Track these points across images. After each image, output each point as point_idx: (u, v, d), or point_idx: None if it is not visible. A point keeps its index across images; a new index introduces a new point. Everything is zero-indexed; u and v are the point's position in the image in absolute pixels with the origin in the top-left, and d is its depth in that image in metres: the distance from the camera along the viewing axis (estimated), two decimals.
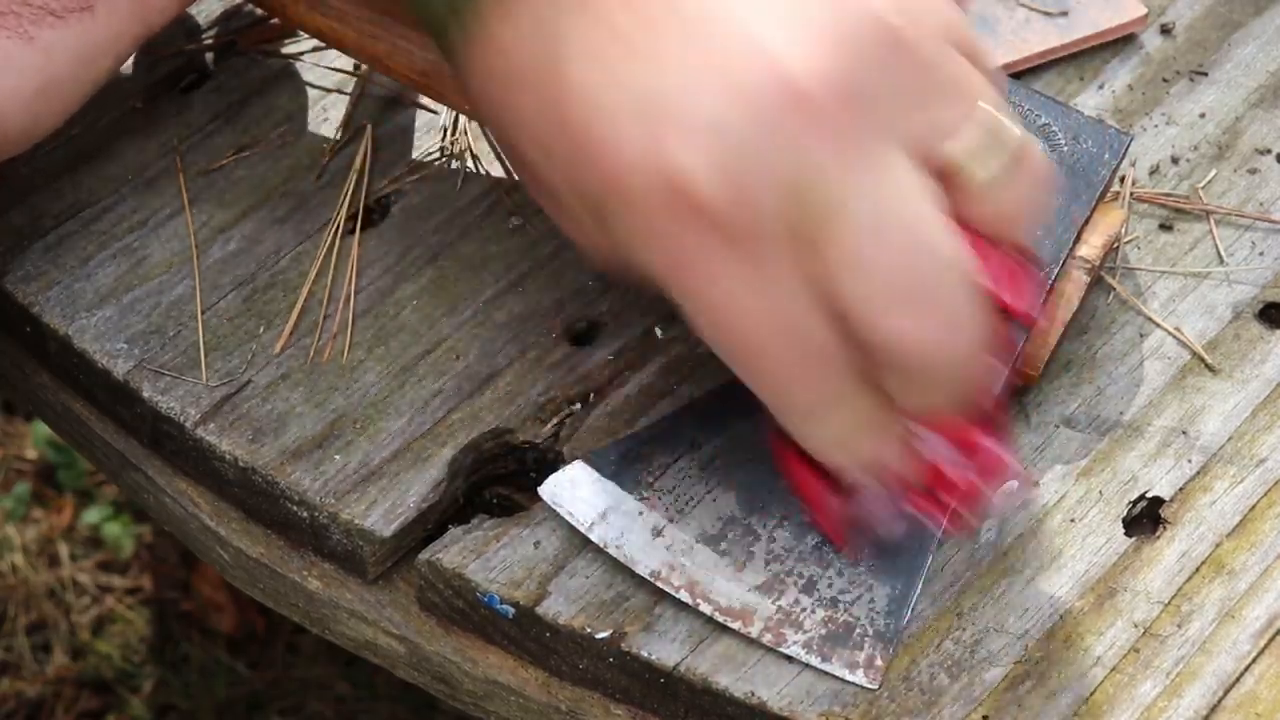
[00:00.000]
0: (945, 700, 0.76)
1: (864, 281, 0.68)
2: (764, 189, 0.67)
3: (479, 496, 0.83)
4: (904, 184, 0.68)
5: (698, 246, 0.68)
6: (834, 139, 0.67)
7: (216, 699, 1.63)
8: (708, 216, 0.67)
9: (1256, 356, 0.87)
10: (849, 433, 0.73)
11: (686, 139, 0.66)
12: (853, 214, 0.67)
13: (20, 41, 0.79)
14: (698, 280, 0.69)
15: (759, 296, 0.68)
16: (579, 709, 0.79)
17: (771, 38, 0.67)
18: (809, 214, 0.67)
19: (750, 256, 0.68)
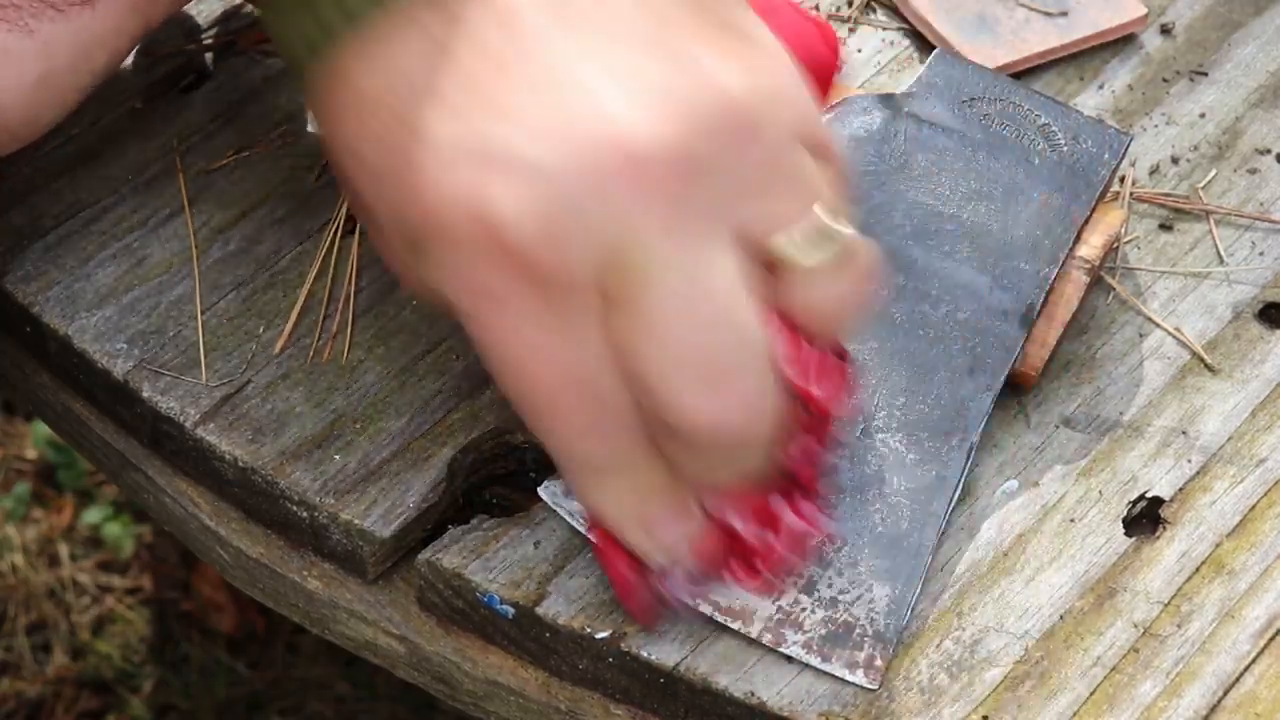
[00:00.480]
0: (945, 700, 0.76)
1: (661, 352, 0.68)
2: (579, 242, 0.67)
3: (479, 496, 0.83)
4: (720, 263, 0.68)
5: (502, 287, 0.68)
6: (658, 207, 0.67)
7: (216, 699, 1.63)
8: (517, 259, 0.67)
9: (1256, 356, 0.87)
10: (635, 500, 0.72)
11: (508, 181, 0.67)
12: (663, 284, 0.67)
13: (20, 34, 0.79)
14: (497, 322, 0.69)
15: (556, 347, 0.68)
16: (579, 709, 0.79)
17: (616, 100, 0.67)
18: (620, 276, 0.67)
19: (553, 306, 0.68)
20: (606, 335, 0.68)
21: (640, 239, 0.67)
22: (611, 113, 0.67)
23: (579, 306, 0.68)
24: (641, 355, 0.68)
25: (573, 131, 0.67)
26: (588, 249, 0.67)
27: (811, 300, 0.70)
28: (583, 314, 0.68)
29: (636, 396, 0.69)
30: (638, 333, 0.68)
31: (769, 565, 0.75)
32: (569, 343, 0.68)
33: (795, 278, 0.70)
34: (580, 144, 0.67)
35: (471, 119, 0.68)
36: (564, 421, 0.70)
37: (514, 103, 0.68)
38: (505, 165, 0.67)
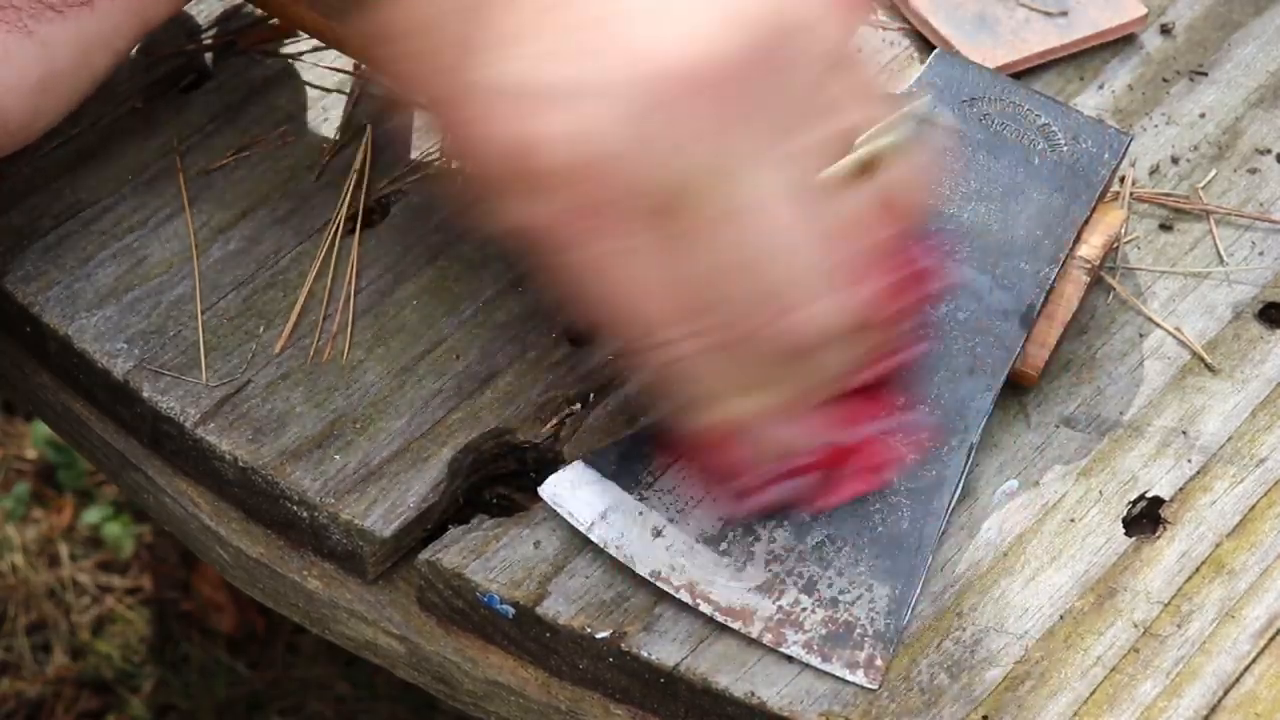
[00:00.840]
0: (945, 700, 0.76)
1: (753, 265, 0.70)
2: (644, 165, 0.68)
3: (479, 496, 0.83)
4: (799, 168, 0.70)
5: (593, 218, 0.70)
6: (723, 129, 0.69)
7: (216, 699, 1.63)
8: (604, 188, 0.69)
9: (1256, 356, 0.87)
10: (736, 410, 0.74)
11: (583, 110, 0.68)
12: (738, 205, 0.69)
13: (20, 35, 0.79)
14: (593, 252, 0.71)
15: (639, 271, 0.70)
16: (579, 709, 0.79)
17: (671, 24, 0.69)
18: (693, 196, 0.69)
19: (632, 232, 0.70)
20: (692, 258, 0.70)
21: (705, 158, 0.69)
22: (666, 36, 0.68)
23: (661, 233, 0.69)
24: (729, 276, 0.70)
25: (629, 56, 0.68)
26: (673, 168, 0.68)
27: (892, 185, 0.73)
28: (666, 240, 0.69)
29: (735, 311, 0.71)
30: (712, 250, 0.70)
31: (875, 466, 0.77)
32: (660, 270, 0.70)
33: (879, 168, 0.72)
34: (637, 68, 0.68)
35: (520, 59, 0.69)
36: (671, 348, 0.72)
37: (575, 37, 0.69)
38: (553, 99, 0.68)
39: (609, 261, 0.70)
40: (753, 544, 0.78)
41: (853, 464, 0.77)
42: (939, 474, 0.80)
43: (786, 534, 0.79)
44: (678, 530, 0.78)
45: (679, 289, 0.70)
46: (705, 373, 0.73)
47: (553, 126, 0.68)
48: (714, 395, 0.73)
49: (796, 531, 0.79)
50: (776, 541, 0.79)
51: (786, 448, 0.75)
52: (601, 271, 0.71)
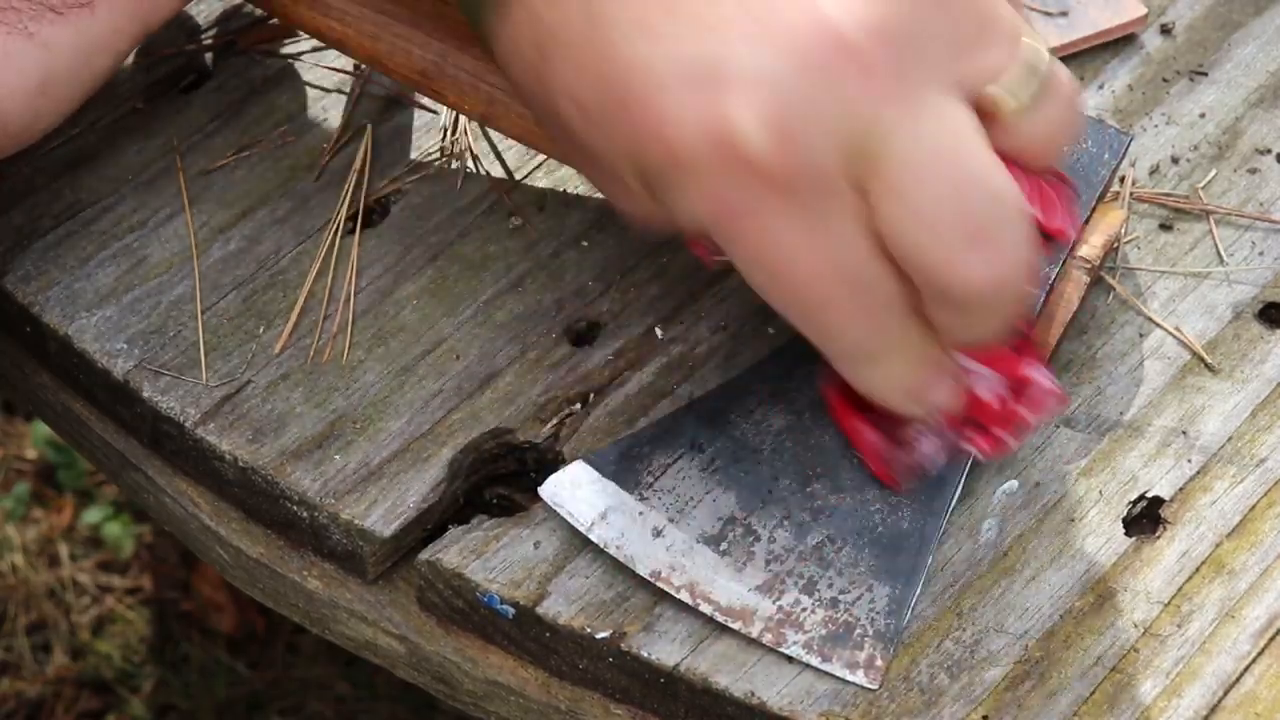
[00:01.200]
0: (945, 700, 0.76)
1: (921, 223, 0.69)
2: (817, 139, 0.68)
3: (479, 496, 0.83)
4: (954, 125, 0.69)
5: (753, 201, 0.69)
6: (882, 86, 0.68)
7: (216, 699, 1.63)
8: (762, 170, 0.68)
9: (1256, 356, 0.87)
10: (908, 373, 0.74)
11: (736, 95, 0.67)
12: (905, 158, 0.68)
13: (20, 37, 0.79)
14: (754, 234, 0.70)
15: (816, 246, 0.70)
16: (579, 709, 0.79)
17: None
18: (862, 161, 0.68)
19: (806, 207, 0.69)
20: (860, 223, 0.69)
21: (873, 121, 0.68)
22: (816, 4, 0.68)
23: (829, 203, 0.69)
24: (906, 232, 0.69)
25: (784, 33, 0.68)
26: (829, 144, 0.68)
27: (1033, 134, 0.72)
28: (839, 209, 0.69)
29: (906, 273, 0.70)
30: (897, 212, 0.69)
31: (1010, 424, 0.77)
32: (831, 240, 0.70)
33: (1013, 117, 0.71)
34: (795, 43, 0.67)
35: (680, 39, 0.68)
36: (837, 316, 0.72)
37: (711, 14, 0.68)
38: (729, 80, 0.68)
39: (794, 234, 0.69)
40: (753, 544, 0.78)
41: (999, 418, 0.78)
42: (939, 474, 0.80)
43: (786, 534, 0.79)
44: (678, 530, 0.78)
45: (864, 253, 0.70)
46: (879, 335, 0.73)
47: (738, 103, 0.67)
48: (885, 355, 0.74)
49: (796, 531, 0.79)
50: (776, 541, 0.79)
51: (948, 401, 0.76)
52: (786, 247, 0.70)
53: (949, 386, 0.75)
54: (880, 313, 0.72)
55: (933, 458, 0.79)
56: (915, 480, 0.79)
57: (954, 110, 0.70)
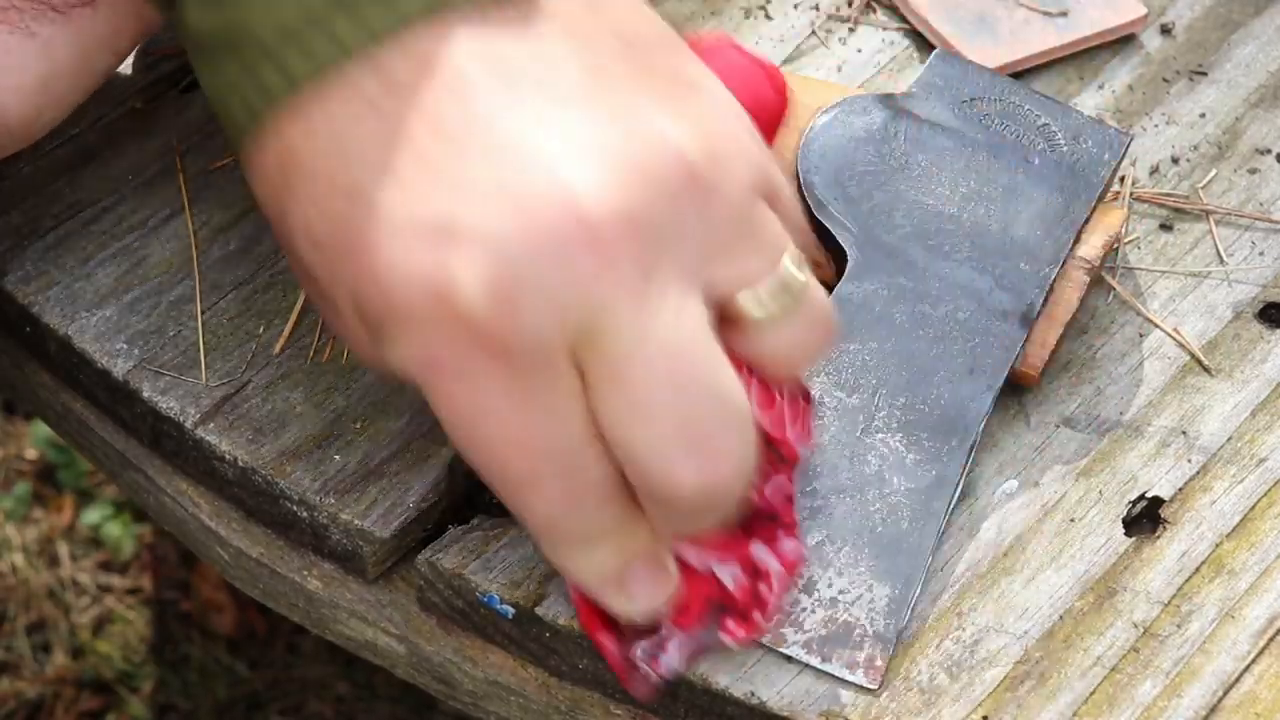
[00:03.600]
0: (945, 700, 0.76)
1: (644, 421, 0.66)
2: (539, 309, 0.65)
3: (479, 496, 0.83)
4: (687, 324, 0.67)
5: (463, 360, 0.66)
6: (620, 273, 0.65)
7: (216, 699, 1.63)
8: (476, 329, 0.65)
9: (1256, 356, 0.87)
10: (612, 562, 0.71)
11: (465, 254, 0.65)
12: (630, 348, 0.66)
13: (21, 36, 0.79)
14: (462, 395, 0.67)
15: (524, 418, 0.67)
16: (579, 709, 0.79)
17: (570, 167, 0.65)
18: (586, 341, 0.66)
19: (518, 376, 0.66)
20: (576, 406, 0.67)
21: (605, 306, 0.65)
22: (566, 180, 0.65)
23: (550, 379, 0.66)
24: (620, 423, 0.67)
25: (527, 201, 0.65)
26: (552, 319, 0.65)
27: (776, 346, 0.69)
28: (554, 386, 0.66)
29: (617, 465, 0.68)
30: (614, 401, 0.66)
31: (761, 611, 0.74)
32: (543, 417, 0.67)
33: (760, 326, 0.69)
34: (536, 213, 0.65)
35: (423, 191, 0.66)
36: (542, 496, 0.69)
37: (465, 173, 0.66)
38: (460, 238, 0.65)
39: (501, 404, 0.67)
40: None
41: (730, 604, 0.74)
42: (939, 474, 0.80)
43: None
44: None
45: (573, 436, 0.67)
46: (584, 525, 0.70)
47: (464, 261, 0.65)
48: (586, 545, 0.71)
49: None
50: None
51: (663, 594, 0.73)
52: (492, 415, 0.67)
53: (660, 578, 0.72)
54: (586, 497, 0.69)
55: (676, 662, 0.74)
56: (654, 692, 0.75)
57: (690, 309, 0.66)
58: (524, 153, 0.66)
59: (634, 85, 0.68)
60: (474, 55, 0.67)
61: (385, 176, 0.66)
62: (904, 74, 0.95)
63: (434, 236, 0.65)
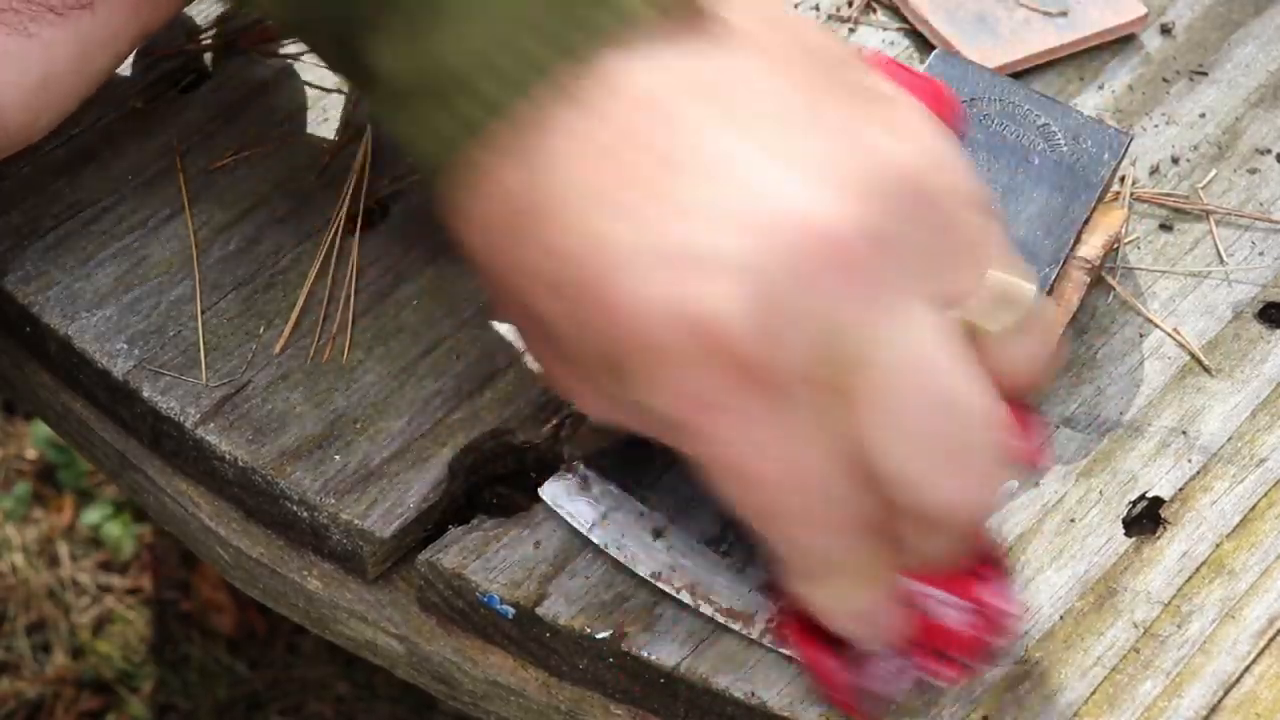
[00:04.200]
0: (945, 700, 0.76)
1: (899, 436, 0.66)
2: (795, 334, 0.64)
3: (479, 496, 0.83)
4: (935, 336, 0.66)
5: (723, 394, 0.65)
6: (866, 287, 0.64)
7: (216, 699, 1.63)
8: (736, 360, 0.64)
9: (1256, 356, 0.87)
10: (858, 594, 0.70)
11: (715, 282, 0.63)
12: (889, 364, 0.65)
13: (20, 38, 0.79)
14: (723, 431, 0.66)
15: (786, 449, 0.66)
16: (579, 709, 0.79)
17: (801, 183, 0.64)
18: (841, 363, 0.65)
19: (778, 406, 0.65)
20: (831, 429, 0.65)
21: (854, 323, 0.64)
22: (799, 198, 0.64)
23: (801, 403, 0.65)
24: (878, 443, 0.65)
25: (765, 222, 0.64)
26: (813, 344, 0.64)
27: (1006, 361, 0.69)
28: (805, 410, 0.65)
29: (873, 487, 0.66)
30: (871, 421, 0.65)
31: (974, 651, 0.73)
32: (798, 443, 0.65)
33: (988, 341, 0.68)
34: (776, 234, 0.63)
35: (654, 220, 0.64)
36: (798, 524, 0.68)
37: (693, 199, 0.64)
38: (704, 265, 0.63)
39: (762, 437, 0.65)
40: (754, 545, 0.78)
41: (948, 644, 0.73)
42: None
43: None
44: (678, 531, 0.78)
45: (831, 464, 0.66)
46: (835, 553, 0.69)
47: (712, 289, 0.63)
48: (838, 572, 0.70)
49: None
50: None
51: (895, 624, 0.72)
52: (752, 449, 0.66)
53: (899, 611, 0.71)
54: (848, 528, 0.68)
55: (895, 686, 0.75)
56: (880, 711, 0.75)
57: (934, 322, 0.66)
58: (748, 174, 0.64)
59: (838, 100, 0.67)
60: (675, 79, 0.65)
61: (611, 207, 0.64)
62: None
63: (683, 268, 0.64)
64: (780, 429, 0.65)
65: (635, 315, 0.65)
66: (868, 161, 0.65)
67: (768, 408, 0.65)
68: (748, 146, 0.65)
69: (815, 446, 0.66)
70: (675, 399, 0.66)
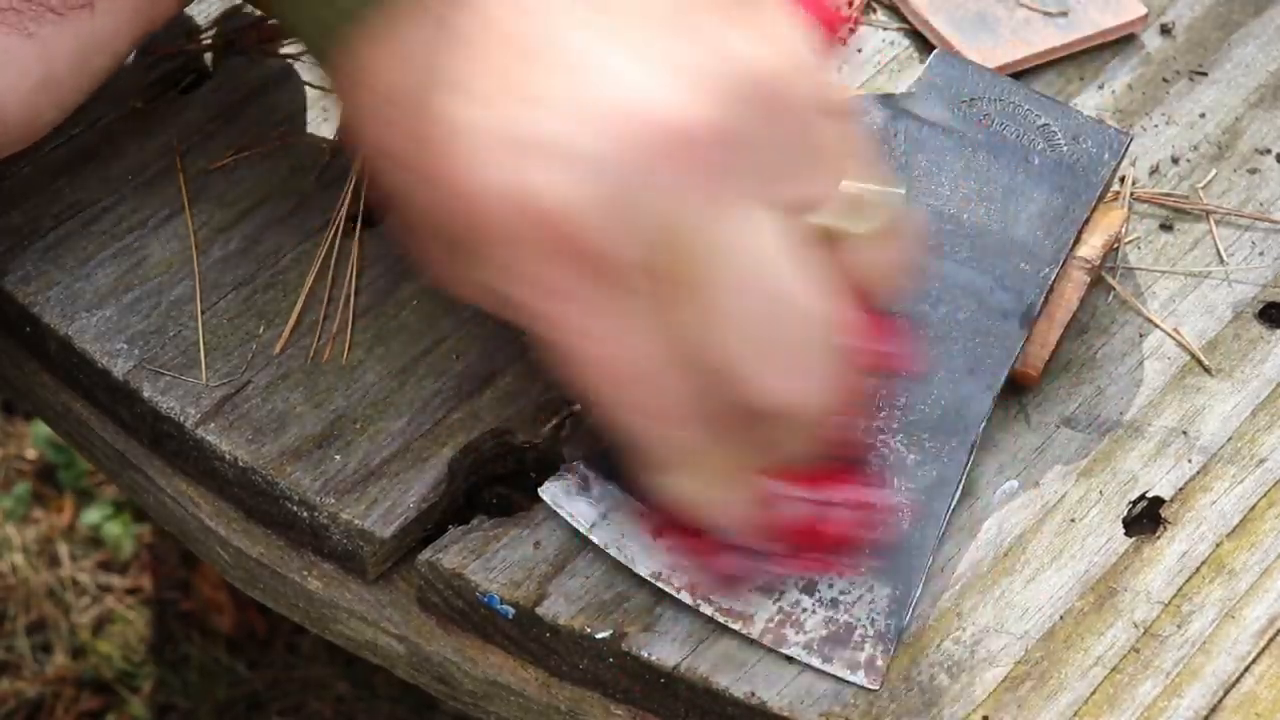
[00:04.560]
0: (945, 700, 0.76)
1: (730, 333, 0.67)
2: (631, 225, 0.66)
3: (479, 496, 0.83)
4: (772, 237, 0.67)
5: (558, 278, 0.67)
6: (709, 183, 0.66)
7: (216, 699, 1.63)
8: (570, 247, 0.66)
9: (1256, 356, 0.87)
10: (711, 484, 0.72)
11: (556, 170, 0.66)
12: (721, 263, 0.66)
13: (20, 37, 0.79)
14: (557, 314, 0.68)
15: (622, 336, 0.67)
16: (579, 709, 0.79)
17: (651, 81, 0.66)
18: (679, 257, 0.66)
19: (616, 293, 0.67)
20: (670, 321, 0.67)
21: (696, 219, 0.66)
22: (649, 93, 0.66)
23: (643, 294, 0.67)
24: (710, 339, 0.67)
25: (613, 114, 0.66)
26: (641, 231, 0.66)
27: (861, 264, 0.70)
28: (647, 302, 0.67)
29: (706, 380, 0.68)
30: (703, 316, 0.67)
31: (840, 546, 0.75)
32: (637, 333, 0.68)
33: (843, 245, 0.70)
34: (622, 126, 0.66)
35: (505, 107, 0.67)
36: (640, 414, 0.70)
37: (546, 89, 0.67)
38: (547, 152, 0.66)
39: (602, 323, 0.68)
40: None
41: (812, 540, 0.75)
42: (939, 474, 0.80)
43: None
44: (678, 531, 0.78)
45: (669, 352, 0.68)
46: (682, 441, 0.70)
47: (552, 176, 0.66)
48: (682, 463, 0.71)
49: None
50: None
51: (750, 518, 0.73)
52: (593, 334, 0.68)
53: (757, 505, 0.73)
54: (684, 420, 0.69)
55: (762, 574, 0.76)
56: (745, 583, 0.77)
57: (770, 222, 0.67)
58: (605, 69, 0.67)
59: (703, 5, 0.69)
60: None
61: (466, 95, 0.67)
62: (904, 74, 0.95)
63: (522, 153, 0.66)
64: (619, 318, 0.67)
65: (477, 198, 0.67)
66: (724, 64, 0.67)
67: (607, 296, 0.67)
68: (606, 43, 0.67)
69: (653, 337, 0.68)
70: (517, 283, 0.68)
